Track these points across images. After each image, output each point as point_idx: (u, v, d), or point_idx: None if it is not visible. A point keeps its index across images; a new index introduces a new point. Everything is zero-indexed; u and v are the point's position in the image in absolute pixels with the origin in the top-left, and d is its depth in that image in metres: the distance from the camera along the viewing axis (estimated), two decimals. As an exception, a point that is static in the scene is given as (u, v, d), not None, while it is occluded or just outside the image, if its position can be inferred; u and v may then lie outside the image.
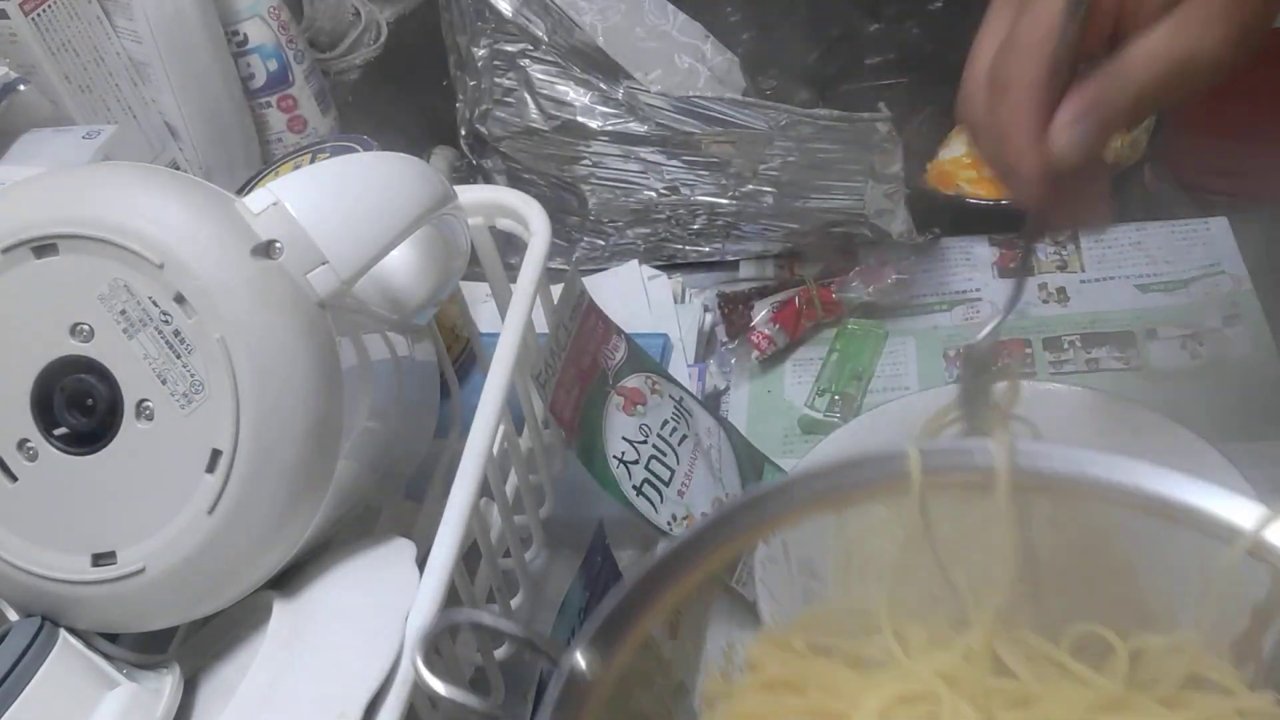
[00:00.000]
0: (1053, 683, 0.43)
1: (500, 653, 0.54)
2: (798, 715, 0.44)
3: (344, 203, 0.46)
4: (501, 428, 0.52)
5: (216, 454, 0.43)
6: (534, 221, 0.57)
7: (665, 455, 0.61)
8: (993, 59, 0.43)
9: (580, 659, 0.40)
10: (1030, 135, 0.41)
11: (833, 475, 0.46)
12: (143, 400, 0.44)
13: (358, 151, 0.70)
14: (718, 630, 0.63)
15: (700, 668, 0.48)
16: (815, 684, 0.45)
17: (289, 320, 0.43)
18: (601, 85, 0.81)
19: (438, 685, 0.38)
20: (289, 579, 0.48)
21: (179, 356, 0.43)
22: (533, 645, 0.41)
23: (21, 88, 0.70)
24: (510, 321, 0.53)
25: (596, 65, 0.81)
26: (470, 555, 0.49)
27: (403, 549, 0.48)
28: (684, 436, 0.62)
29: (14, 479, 0.45)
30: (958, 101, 0.45)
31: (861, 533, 0.51)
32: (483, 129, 0.86)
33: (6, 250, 0.44)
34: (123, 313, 0.43)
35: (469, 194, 0.58)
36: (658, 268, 0.86)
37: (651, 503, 0.59)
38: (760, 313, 0.78)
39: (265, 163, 0.87)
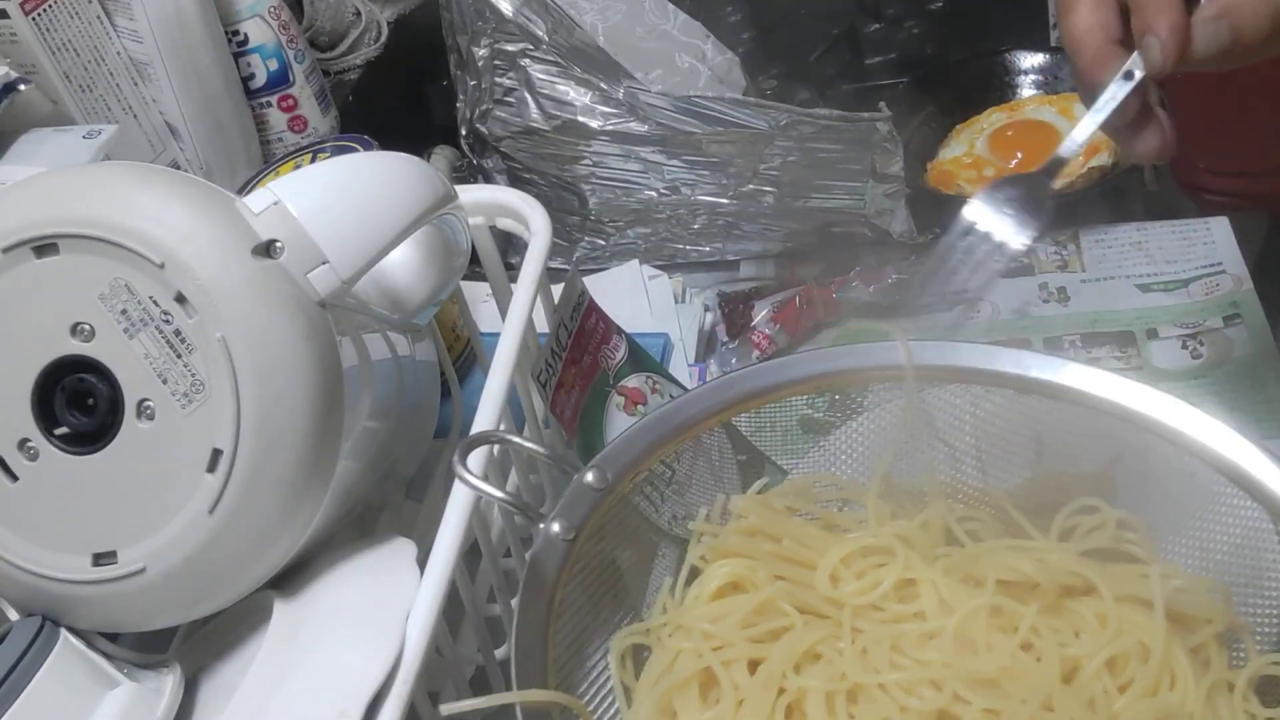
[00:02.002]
0: (994, 548, 0.52)
1: (501, 652, 0.54)
2: (771, 557, 0.53)
3: (345, 202, 0.46)
4: (502, 428, 0.52)
5: (217, 454, 0.43)
6: (534, 221, 0.57)
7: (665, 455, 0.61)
8: None
9: (591, 474, 0.50)
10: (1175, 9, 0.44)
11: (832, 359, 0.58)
12: (143, 400, 0.44)
13: (358, 151, 0.70)
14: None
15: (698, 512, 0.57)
16: (789, 535, 0.53)
17: (289, 320, 0.43)
18: (602, 85, 0.81)
19: (482, 484, 0.46)
20: (289, 579, 0.48)
21: (179, 356, 0.43)
22: (555, 459, 0.52)
23: (22, 87, 0.70)
24: (510, 321, 0.53)
25: (597, 65, 0.81)
26: (470, 555, 0.49)
27: (403, 549, 0.48)
28: (684, 436, 0.62)
29: (15, 479, 0.45)
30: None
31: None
32: (483, 129, 0.86)
33: (7, 250, 0.44)
34: (123, 312, 0.43)
35: (469, 194, 0.58)
36: (658, 267, 0.86)
37: (652, 502, 0.59)
38: (760, 312, 0.78)
39: (265, 162, 0.87)
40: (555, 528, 0.49)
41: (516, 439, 0.50)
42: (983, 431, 0.56)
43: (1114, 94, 0.47)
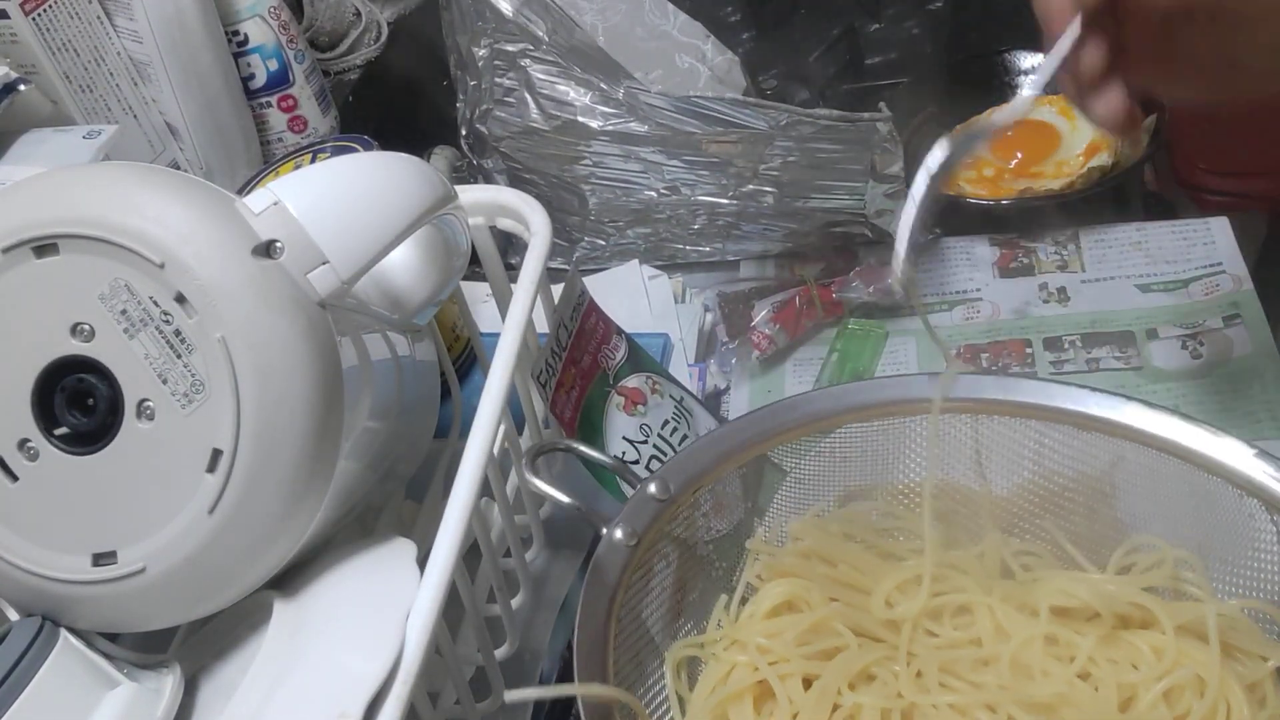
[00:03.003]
0: (1051, 577, 0.53)
1: (501, 652, 0.54)
2: (826, 580, 0.53)
3: (344, 202, 0.46)
4: (502, 428, 0.52)
5: (217, 454, 0.43)
6: (534, 221, 0.57)
7: (666, 455, 0.61)
8: None
9: (654, 485, 0.52)
10: None
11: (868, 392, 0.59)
12: (143, 400, 0.44)
13: (358, 151, 0.70)
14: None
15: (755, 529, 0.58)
16: (845, 560, 0.54)
17: (289, 320, 0.43)
18: (602, 85, 0.81)
19: (551, 490, 0.49)
20: (289, 579, 0.48)
21: (179, 356, 0.43)
22: (614, 468, 0.55)
23: (22, 88, 0.70)
24: (510, 321, 0.53)
25: (597, 65, 0.81)
26: (471, 555, 0.49)
27: (403, 549, 0.48)
28: (684, 436, 0.62)
29: (15, 479, 0.45)
30: None
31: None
32: (483, 129, 0.86)
33: (7, 250, 0.44)
34: (123, 312, 0.43)
35: (469, 194, 0.58)
36: (658, 267, 0.86)
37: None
38: (760, 312, 0.78)
39: (265, 163, 0.87)
40: (618, 534, 0.50)
41: (583, 448, 0.53)
42: (1042, 468, 0.56)
43: (1068, 38, 0.48)
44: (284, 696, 0.42)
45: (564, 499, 0.48)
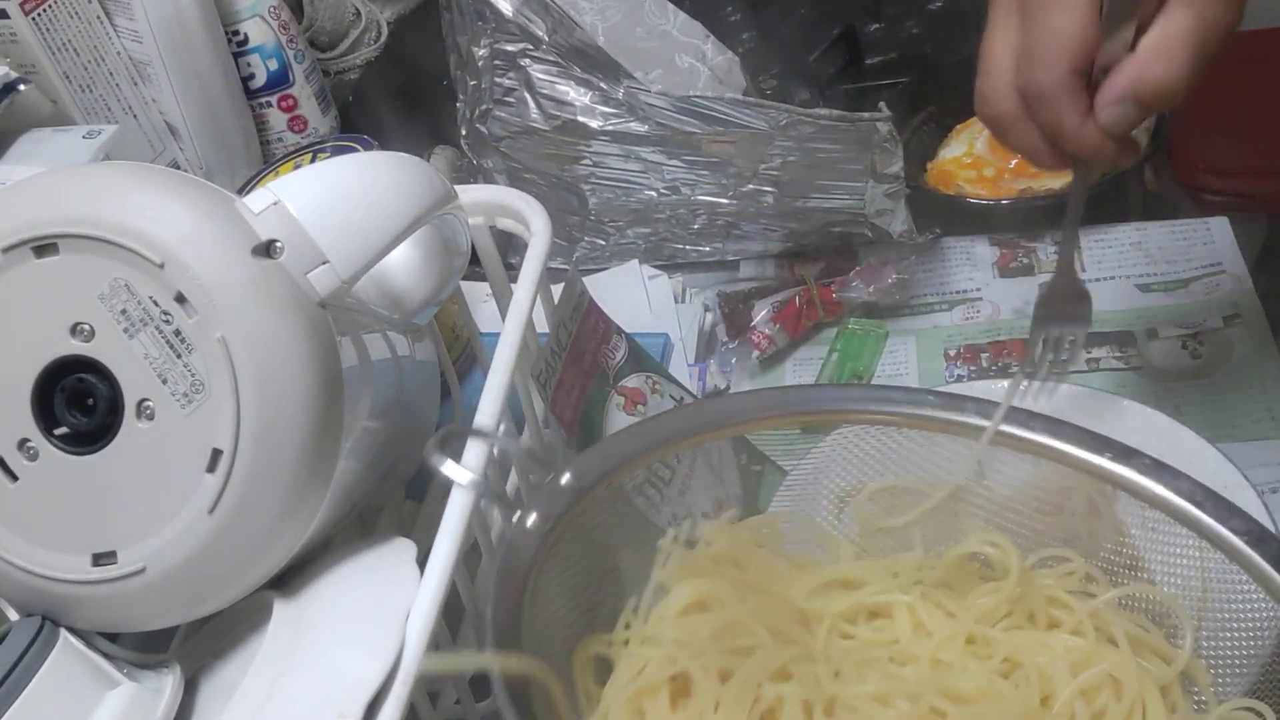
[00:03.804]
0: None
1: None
2: (736, 584, 0.52)
3: (344, 202, 0.46)
4: (502, 427, 0.52)
5: (217, 454, 0.43)
6: (534, 221, 0.57)
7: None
8: (1015, 71, 0.49)
9: (570, 475, 0.50)
10: (1080, 120, 0.48)
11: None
12: (143, 400, 0.44)
13: (358, 151, 0.70)
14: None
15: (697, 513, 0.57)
16: (755, 565, 0.53)
17: (289, 320, 0.43)
18: (602, 85, 0.81)
19: (457, 469, 0.45)
20: (289, 579, 0.48)
21: (179, 356, 0.43)
22: (536, 457, 0.53)
23: (22, 88, 0.70)
24: (510, 321, 0.53)
25: (597, 65, 0.81)
26: (470, 555, 0.49)
27: (403, 549, 0.48)
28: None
29: (14, 479, 0.45)
30: (977, 103, 0.52)
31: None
32: (483, 129, 0.86)
33: (6, 250, 0.44)
34: (123, 312, 0.43)
35: (469, 194, 0.58)
36: (658, 267, 0.86)
37: (652, 502, 0.59)
38: (760, 312, 0.78)
39: (265, 162, 0.87)
40: (529, 521, 0.48)
41: (499, 436, 0.50)
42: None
43: (1078, 193, 0.54)
44: (284, 696, 0.42)
45: (465, 476, 0.45)
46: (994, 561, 0.53)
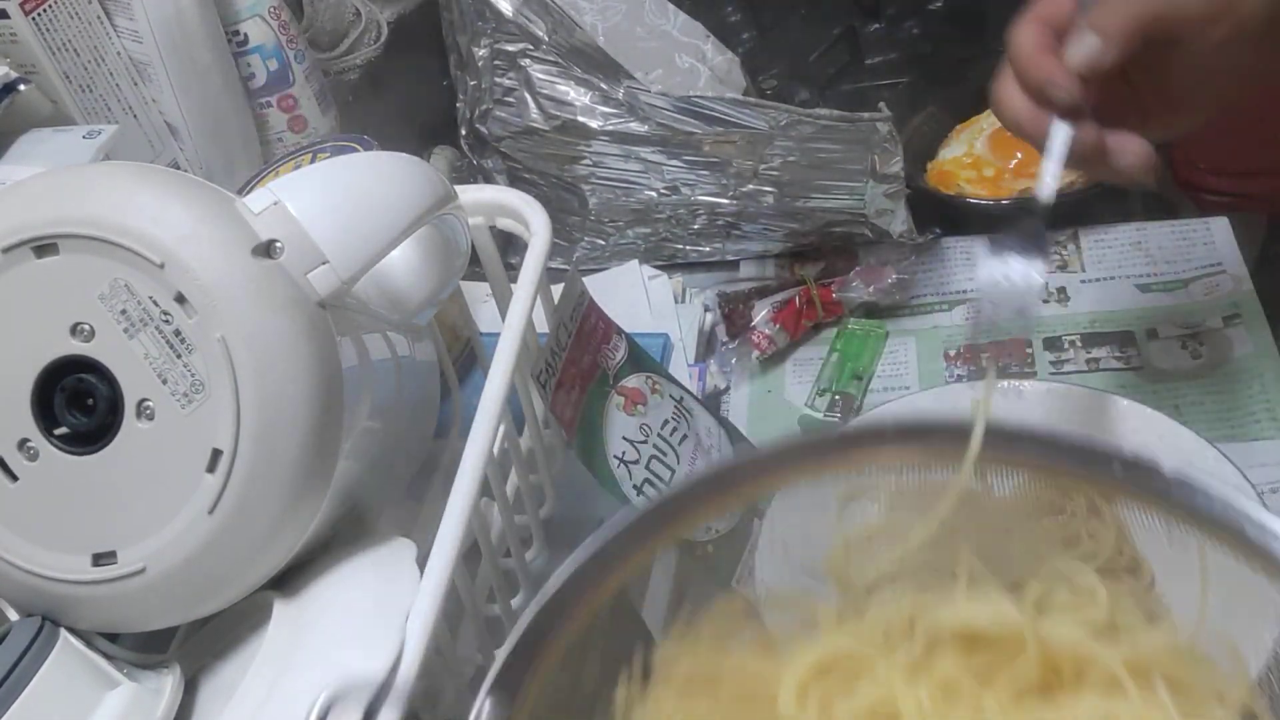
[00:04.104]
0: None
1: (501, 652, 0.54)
2: (714, 707, 0.44)
3: (344, 202, 0.46)
4: (502, 428, 0.52)
5: (217, 454, 0.43)
6: (534, 221, 0.57)
7: (666, 455, 0.61)
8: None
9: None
10: (1050, 59, 0.52)
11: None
12: (143, 400, 0.44)
13: (358, 151, 0.70)
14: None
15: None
16: (728, 675, 0.44)
17: (289, 320, 0.43)
18: (602, 85, 0.81)
19: None
20: (289, 579, 0.48)
21: (179, 356, 0.43)
22: None
23: (22, 88, 0.70)
24: (510, 321, 0.53)
25: (597, 65, 0.81)
26: (470, 555, 0.49)
27: (403, 549, 0.48)
28: (684, 436, 0.62)
29: (14, 479, 0.45)
30: (993, 107, 0.55)
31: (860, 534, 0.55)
32: (483, 129, 0.86)
33: (7, 250, 0.44)
34: (123, 312, 0.43)
35: (469, 194, 0.58)
36: (658, 267, 0.86)
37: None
38: (760, 313, 0.78)
39: (265, 162, 0.87)
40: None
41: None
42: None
43: (1057, 134, 0.52)
44: (284, 697, 0.42)
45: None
46: (995, 637, 0.44)
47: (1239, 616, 0.51)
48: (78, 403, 0.44)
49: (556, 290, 0.58)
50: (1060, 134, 0.51)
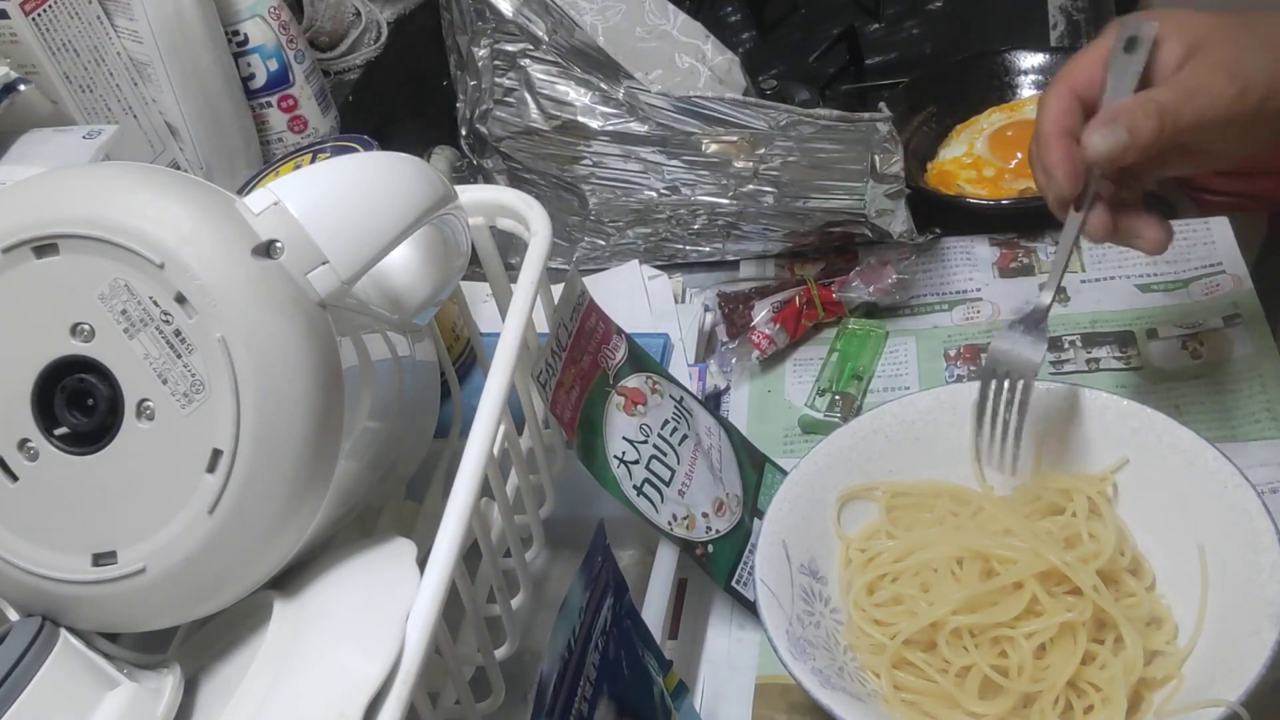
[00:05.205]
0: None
1: (501, 652, 0.54)
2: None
3: (344, 203, 0.46)
4: (502, 428, 0.52)
5: (217, 454, 0.43)
6: (534, 221, 0.57)
7: (666, 455, 0.61)
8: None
9: None
10: (1062, 147, 0.55)
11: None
12: (143, 400, 0.44)
13: (358, 151, 0.70)
14: (718, 630, 0.64)
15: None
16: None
17: (289, 320, 0.43)
18: (602, 85, 0.81)
19: None
20: (289, 579, 0.48)
21: (179, 356, 0.43)
22: None
23: (22, 88, 0.70)
24: (510, 321, 0.53)
25: (597, 65, 0.81)
26: (471, 555, 0.49)
27: (403, 549, 0.48)
28: (684, 436, 0.62)
29: (14, 479, 0.45)
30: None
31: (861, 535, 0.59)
32: (483, 129, 0.86)
33: (7, 250, 0.44)
34: (123, 312, 0.43)
35: (469, 194, 0.58)
36: (658, 267, 0.86)
37: (652, 502, 0.59)
38: (760, 313, 0.78)
39: (265, 163, 0.87)
40: None
41: None
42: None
43: (1069, 227, 0.57)
44: (284, 696, 0.42)
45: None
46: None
47: (1239, 616, 0.51)
48: (78, 403, 0.44)
49: (556, 290, 0.58)
50: (1070, 227, 0.56)
